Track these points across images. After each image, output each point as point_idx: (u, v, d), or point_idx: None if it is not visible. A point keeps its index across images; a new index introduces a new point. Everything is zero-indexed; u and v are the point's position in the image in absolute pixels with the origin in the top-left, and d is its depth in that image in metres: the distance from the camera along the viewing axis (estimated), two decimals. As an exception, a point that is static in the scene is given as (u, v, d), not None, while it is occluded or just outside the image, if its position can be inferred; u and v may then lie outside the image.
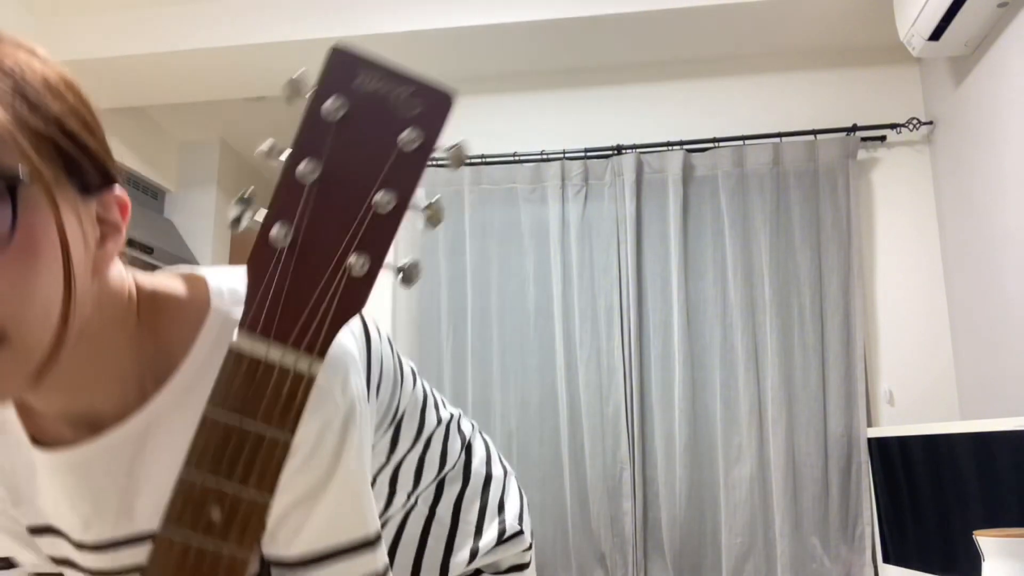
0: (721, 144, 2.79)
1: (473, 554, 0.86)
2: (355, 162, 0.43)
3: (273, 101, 3.27)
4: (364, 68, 0.43)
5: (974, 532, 1.50)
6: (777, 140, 2.78)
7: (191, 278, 0.66)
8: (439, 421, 0.87)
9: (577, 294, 2.75)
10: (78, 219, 0.53)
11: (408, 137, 0.42)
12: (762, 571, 2.51)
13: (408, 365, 0.82)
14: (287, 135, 0.44)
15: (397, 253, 2.90)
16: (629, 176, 2.79)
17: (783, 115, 2.84)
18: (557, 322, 2.73)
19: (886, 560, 2.37)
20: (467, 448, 0.91)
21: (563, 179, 2.84)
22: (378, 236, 0.43)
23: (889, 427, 2.46)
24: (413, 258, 0.44)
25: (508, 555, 0.91)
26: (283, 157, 0.43)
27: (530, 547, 0.94)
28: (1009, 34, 2.22)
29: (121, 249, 0.59)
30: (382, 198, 0.42)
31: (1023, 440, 1.79)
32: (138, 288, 0.63)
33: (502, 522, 0.90)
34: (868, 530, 2.49)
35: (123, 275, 0.61)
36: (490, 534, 0.88)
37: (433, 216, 0.44)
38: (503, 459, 0.99)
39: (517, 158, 2.88)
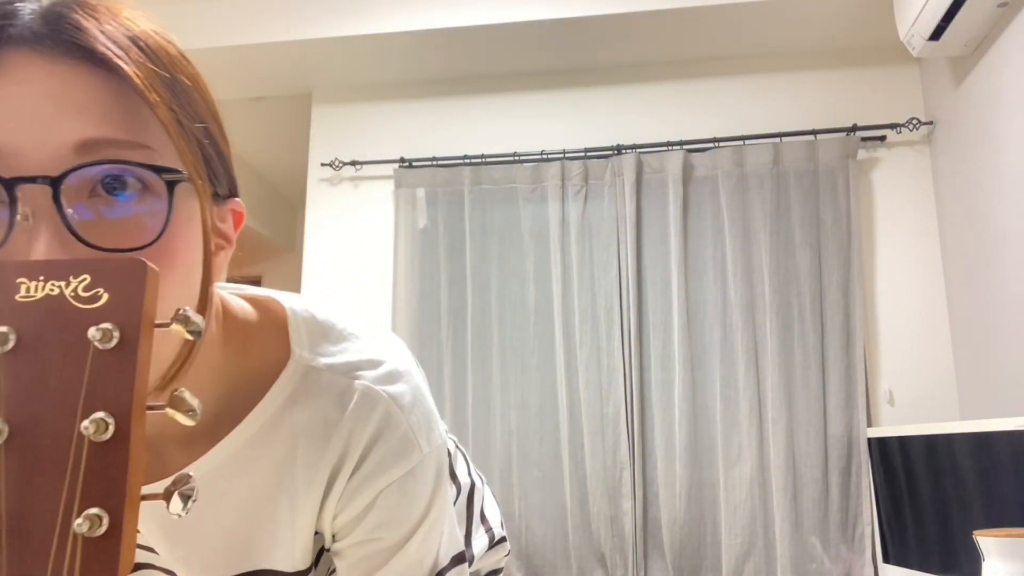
0: (721, 144, 2.79)
1: (468, 561, 0.86)
2: (46, 397, 0.33)
3: (273, 101, 3.27)
4: (22, 275, 0.34)
5: (974, 532, 1.50)
6: (777, 140, 2.77)
7: (264, 304, 0.61)
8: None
9: (577, 294, 2.75)
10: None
11: (97, 336, 0.33)
12: (762, 571, 2.51)
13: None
14: (287, 135, 0.42)
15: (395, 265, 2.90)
16: (629, 176, 2.79)
17: (783, 115, 2.84)
18: (557, 322, 2.73)
19: (886, 560, 2.37)
20: (451, 457, 0.92)
21: (563, 179, 2.84)
22: (106, 472, 0.32)
23: (889, 427, 2.46)
24: (191, 483, 0.35)
25: (490, 561, 0.92)
26: None
27: (508, 553, 0.96)
28: (1009, 34, 2.22)
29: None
30: (92, 425, 0.32)
31: (1023, 440, 1.79)
32: (224, 310, 0.58)
33: (489, 529, 0.92)
34: (868, 530, 2.49)
35: (216, 292, 0.57)
36: (481, 542, 0.90)
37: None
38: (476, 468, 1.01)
39: (517, 158, 2.88)
